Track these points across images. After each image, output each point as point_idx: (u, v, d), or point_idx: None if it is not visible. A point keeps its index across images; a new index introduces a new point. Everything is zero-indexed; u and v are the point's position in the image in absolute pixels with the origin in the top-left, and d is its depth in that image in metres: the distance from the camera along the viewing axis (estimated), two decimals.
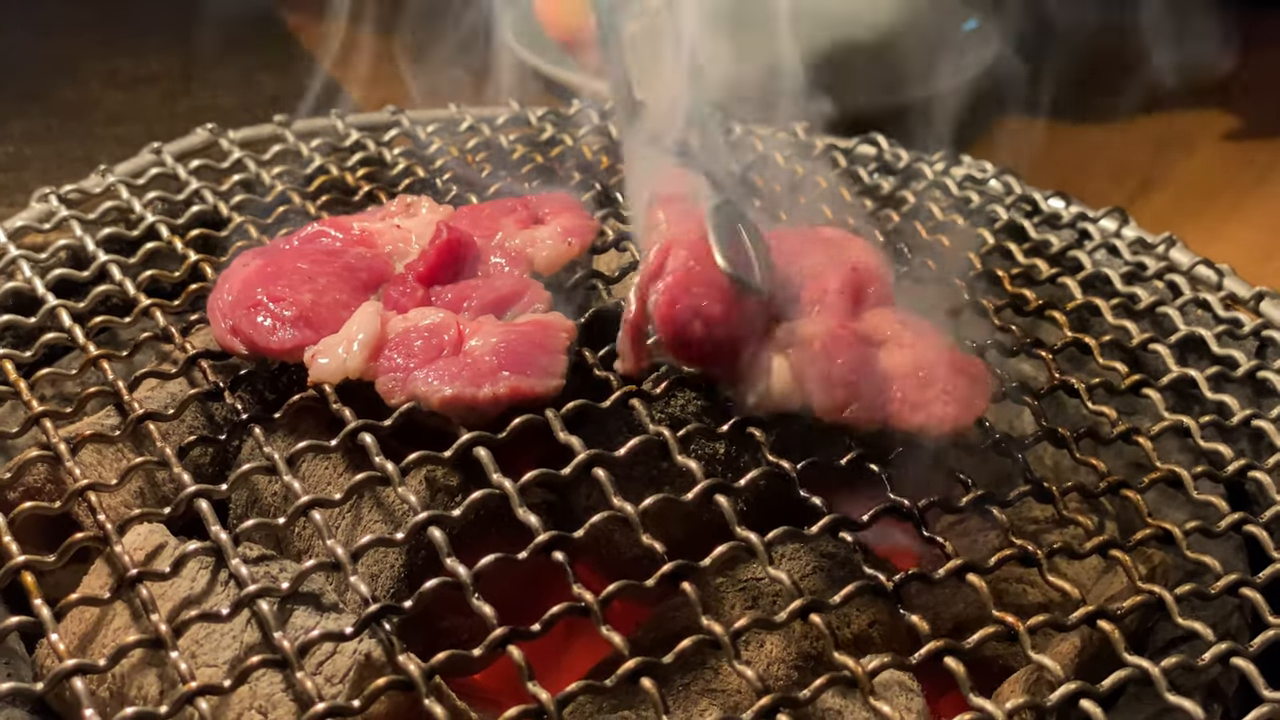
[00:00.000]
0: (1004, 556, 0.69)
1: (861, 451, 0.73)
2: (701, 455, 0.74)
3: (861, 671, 0.61)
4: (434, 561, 0.69)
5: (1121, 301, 0.92)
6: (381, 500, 0.73)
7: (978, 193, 1.05)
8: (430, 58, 1.28)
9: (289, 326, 0.76)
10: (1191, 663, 0.65)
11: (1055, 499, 0.73)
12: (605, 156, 1.05)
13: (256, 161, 1.02)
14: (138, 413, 0.74)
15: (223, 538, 0.66)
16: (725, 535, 0.67)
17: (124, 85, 1.67)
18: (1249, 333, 0.90)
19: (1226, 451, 0.79)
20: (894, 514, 0.70)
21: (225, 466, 0.81)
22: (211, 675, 0.62)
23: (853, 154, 1.11)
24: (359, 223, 0.86)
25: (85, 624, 0.67)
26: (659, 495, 0.68)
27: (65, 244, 0.91)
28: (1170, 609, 0.67)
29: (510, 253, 0.82)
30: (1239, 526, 0.74)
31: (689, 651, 0.62)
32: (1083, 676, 0.64)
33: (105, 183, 0.98)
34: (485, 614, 0.62)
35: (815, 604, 0.64)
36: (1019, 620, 0.65)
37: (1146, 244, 1.00)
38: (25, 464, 0.72)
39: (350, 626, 0.62)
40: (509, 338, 0.74)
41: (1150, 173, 1.52)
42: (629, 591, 0.64)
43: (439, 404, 0.71)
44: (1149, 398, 0.82)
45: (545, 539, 0.65)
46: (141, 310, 0.83)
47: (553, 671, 0.75)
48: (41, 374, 0.80)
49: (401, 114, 1.11)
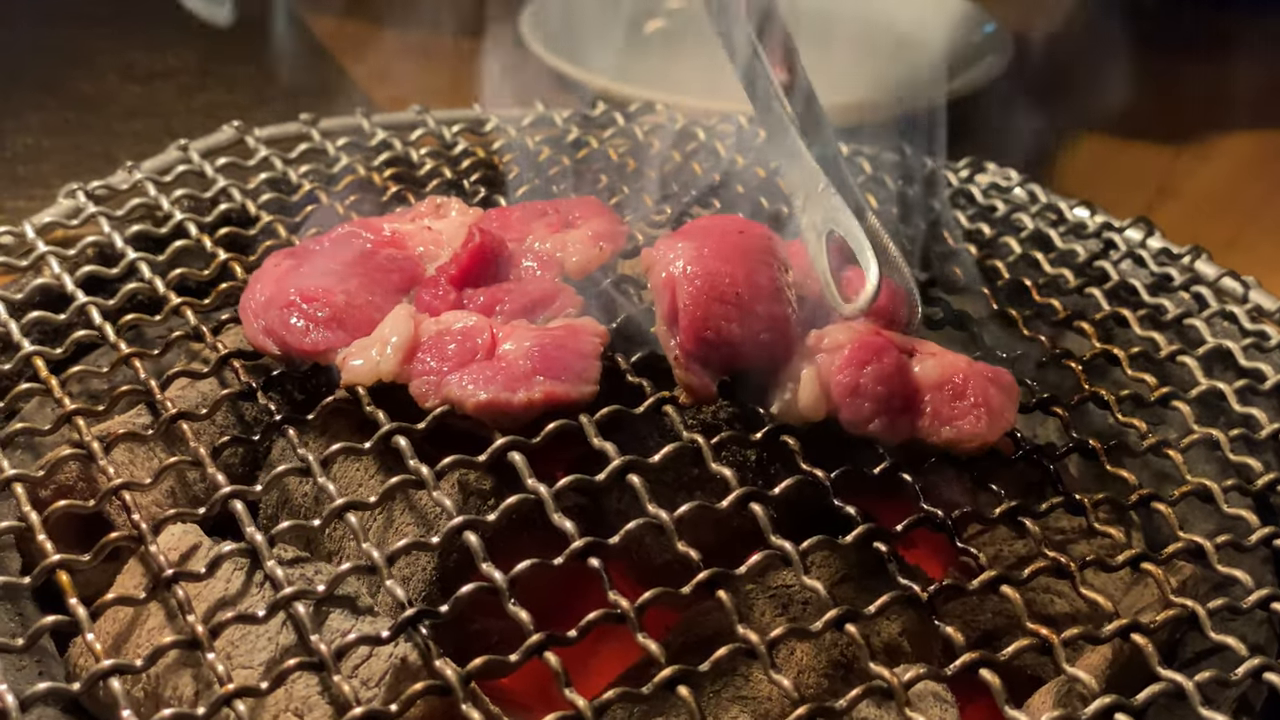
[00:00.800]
0: (1038, 568, 0.69)
1: (894, 461, 0.73)
2: (734, 462, 0.74)
3: (897, 682, 0.61)
4: (466, 565, 0.70)
5: (1148, 313, 0.92)
6: (414, 503, 0.73)
7: (1003, 201, 1.05)
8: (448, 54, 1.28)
9: (322, 328, 0.76)
10: (1225, 677, 0.65)
11: (1087, 511, 0.73)
12: (631, 160, 1.05)
13: (283, 160, 1.02)
14: (171, 412, 0.74)
15: (258, 539, 0.66)
16: (756, 541, 0.68)
17: (140, 79, 1.67)
18: (1276, 345, 0.90)
19: (1256, 465, 0.79)
20: (927, 524, 0.71)
21: (255, 466, 0.81)
22: (247, 677, 0.63)
23: (877, 160, 1.11)
24: (390, 224, 0.86)
25: (119, 624, 0.68)
26: (694, 503, 0.68)
27: (94, 240, 0.91)
28: (1203, 623, 0.67)
29: (541, 256, 0.83)
30: (1269, 540, 0.74)
31: (723, 659, 0.62)
32: (1112, 689, 0.64)
33: (132, 179, 0.98)
34: (522, 619, 0.62)
35: (850, 614, 0.64)
36: (1053, 632, 0.65)
37: (1172, 254, 1.00)
38: (58, 462, 0.72)
39: (386, 630, 0.62)
40: (543, 342, 0.74)
41: (1166, 181, 1.52)
42: (662, 598, 0.64)
43: (474, 408, 0.71)
44: (1178, 410, 0.82)
45: (581, 545, 0.65)
46: (171, 309, 0.83)
47: (580, 675, 0.75)
48: (72, 371, 0.80)
49: (427, 113, 1.11)
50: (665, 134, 1.11)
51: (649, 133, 1.11)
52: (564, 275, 0.82)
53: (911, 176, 1.09)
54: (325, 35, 1.75)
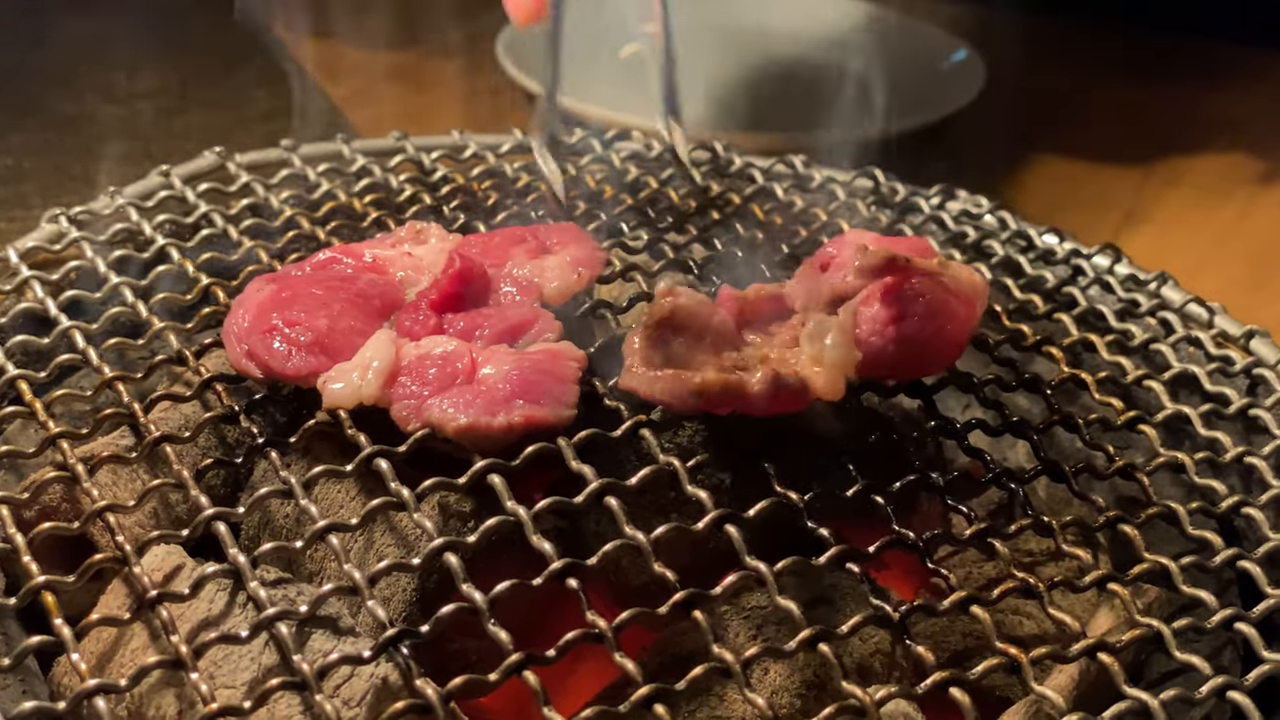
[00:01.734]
0: (1007, 589, 0.70)
1: (866, 484, 0.74)
2: (709, 485, 0.76)
3: (869, 701, 0.63)
4: (446, 586, 0.71)
5: (1116, 338, 0.94)
6: (395, 525, 0.74)
7: (974, 228, 1.07)
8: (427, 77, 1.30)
9: (304, 352, 0.77)
10: (1189, 696, 0.66)
11: (1055, 532, 0.75)
12: (609, 186, 1.06)
13: (264, 186, 1.03)
14: (154, 435, 0.75)
15: (241, 560, 0.67)
16: (730, 562, 0.69)
17: (120, 100, 1.68)
18: (1240, 370, 0.92)
19: (1220, 488, 0.81)
20: (899, 545, 0.72)
21: (237, 488, 0.82)
22: (230, 696, 0.63)
23: (851, 187, 1.12)
24: (370, 249, 0.87)
25: (103, 644, 0.68)
26: (670, 525, 0.69)
27: (76, 265, 0.92)
28: (1168, 643, 0.69)
29: (520, 282, 0.84)
30: (1233, 562, 0.76)
31: (699, 678, 0.64)
32: (1079, 707, 0.65)
33: (115, 204, 0.99)
34: (501, 639, 0.63)
35: (823, 634, 0.65)
36: (1021, 652, 0.66)
37: (1139, 281, 1.01)
38: (43, 484, 0.73)
39: (368, 650, 0.63)
40: (522, 366, 0.75)
41: (1134, 206, 1.54)
42: (639, 618, 0.65)
43: (454, 432, 0.72)
44: (1144, 434, 0.84)
45: (560, 566, 0.66)
46: (154, 333, 0.84)
47: (558, 694, 0.76)
48: (56, 394, 0.81)
49: (406, 140, 1.12)
50: (642, 160, 1.13)
51: (626, 159, 1.12)
52: (543, 300, 0.83)
53: (885, 203, 1.11)
54: (304, 58, 1.76)
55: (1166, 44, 1.92)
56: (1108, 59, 1.90)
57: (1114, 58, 1.90)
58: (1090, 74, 1.86)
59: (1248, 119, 1.75)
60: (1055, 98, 1.79)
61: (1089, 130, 1.71)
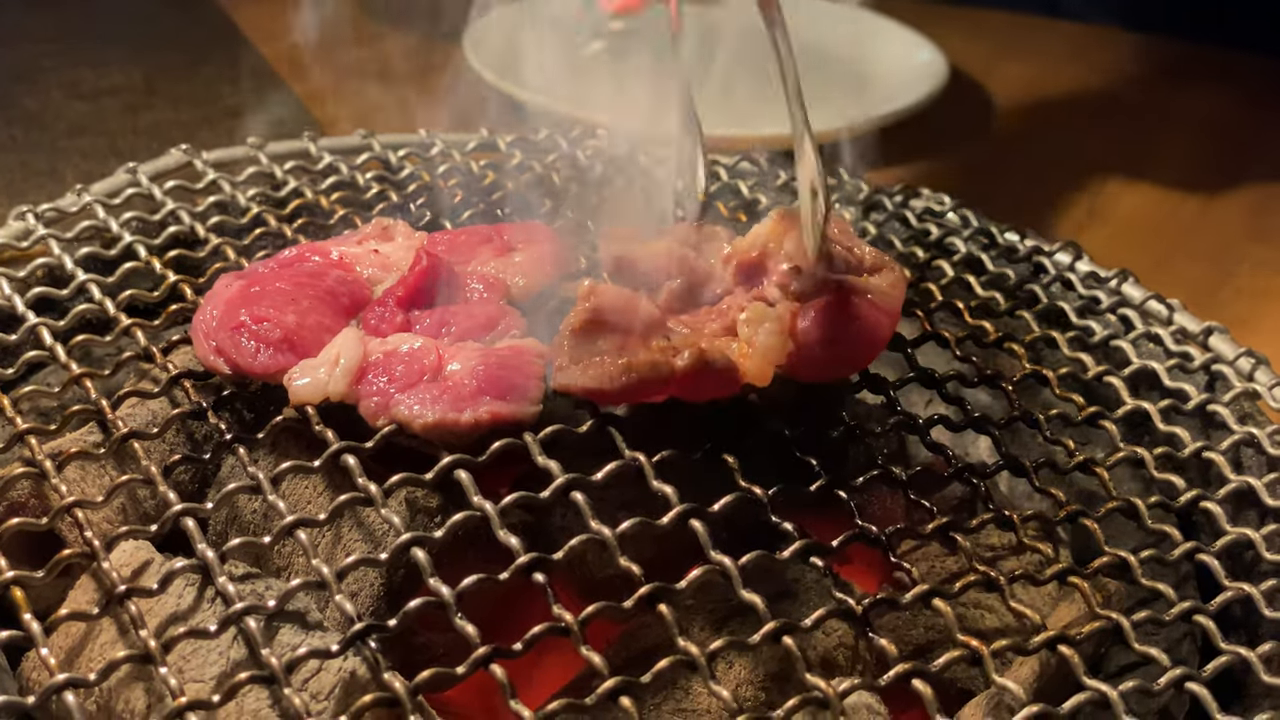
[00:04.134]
0: (968, 582, 0.71)
1: (830, 479, 0.75)
2: (674, 480, 0.76)
3: (833, 693, 0.63)
4: (412, 580, 0.71)
5: (1076, 335, 0.95)
6: (361, 520, 0.75)
7: (936, 225, 1.08)
8: (393, 74, 1.29)
9: (272, 349, 0.77)
10: (1148, 687, 0.67)
11: (1016, 527, 0.76)
12: (574, 184, 1.07)
13: (231, 183, 1.03)
14: (122, 431, 0.75)
15: (209, 555, 0.67)
16: (694, 555, 0.69)
17: (86, 96, 1.68)
18: (1199, 367, 0.93)
19: (1179, 482, 0.82)
20: (862, 539, 0.73)
21: (204, 484, 0.82)
22: (199, 691, 0.64)
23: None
24: (337, 247, 0.87)
25: (72, 639, 0.69)
26: (636, 519, 0.70)
27: (44, 262, 0.92)
28: (1127, 635, 0.70)
29: (486, 279, 0.84)
30: (1191, 555, 0.77)
31: (664, 671, 0.64)
32: (1040, 699, 0.66)
33: (82, 202, 0.99)
34: (468, 633, 0.64)
35: (787, 627, 0.66)
36: (982, 644, 0.67)
37: (1099, 278, 1.02)
38: (11, 480, 0.73)
39: (335, 644, 0.64)
40: (488, 362, 0.75)
41: (1094, 205, 1.55)
42: (605, 612, 0.66)
43: (422, 429, 0.73)
44: (1104, 429, 0.85)
45: (526, 560, 0.67)
46: (122, 330, 0.84)
47: (523, 686, 0.77)
48: (23, 390, 0.81)
49: (372, 137, 1.13)
50: (607, 158, 1.13)
51: (591, 156, 1.13)
52: (509, 298, 0.84)
53: (849, 200, 1.11)
54: (270, 55, 1.76)
55: (1132, 42, 1.93)
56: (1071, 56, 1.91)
57: (1077, 55, 1.91)
58: (1053, 71, 1.87)
59: (1212, 117, 1.77)
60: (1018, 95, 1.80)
61: (1052, 127, 1.72)
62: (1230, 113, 1.79)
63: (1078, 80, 1.85)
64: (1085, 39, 1.95)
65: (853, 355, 0.80)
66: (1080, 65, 1.88)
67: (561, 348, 0.75)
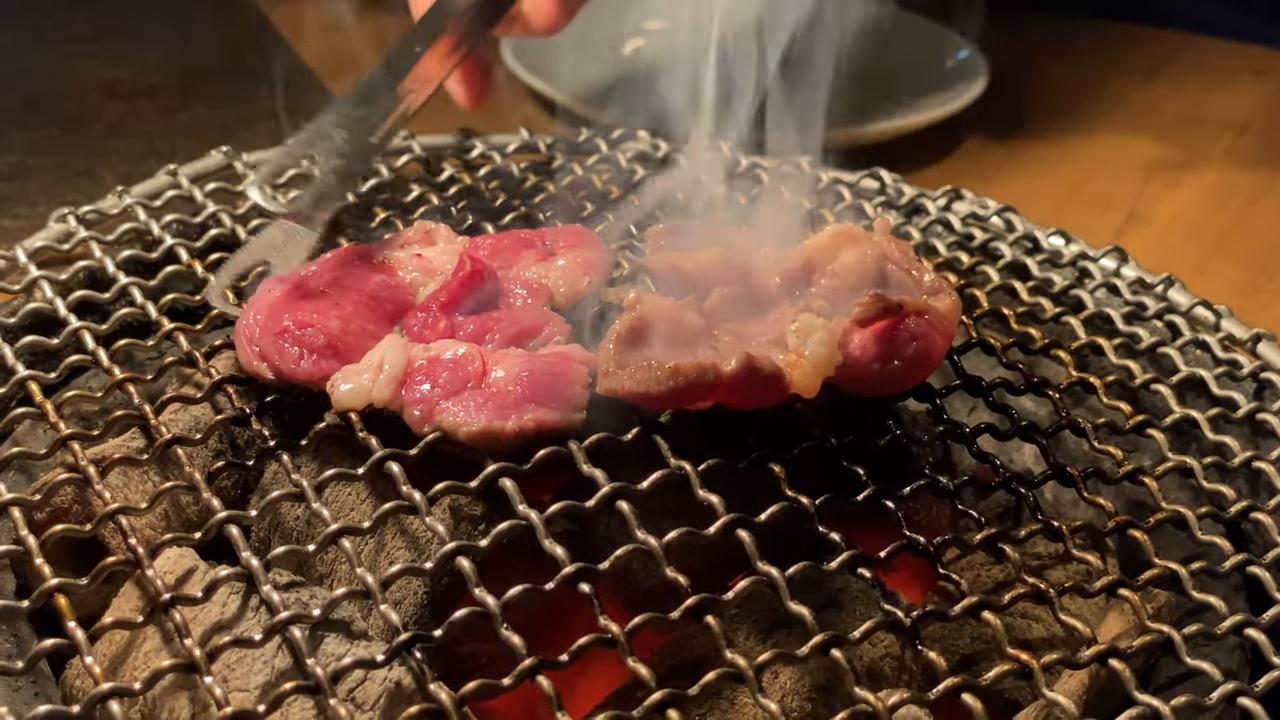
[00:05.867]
0: (1018, 594, 0.70)
1: (877, 488, 0.74)
2: (720, 489, 0.76)
3: (882, 706, 0.63)
4: (456, 589, 0.71)
5: (1123, 341, 0.94)
6: (405, 527, 0.75)
7: (981, 229, 1.07)
8: None
9: (316, 354, 0.77)
10: (1200, 701, 0.66)
11: (1065, 537, 0.75)
12: (615, 187, 1.06)
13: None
14: (165, 436, 0.75)
15: (254, 564, 0.67)
16: (740, 565, 0.69)
17: (123, 97, 1.68)
18: (1247, 374, 0.92)
19: (1228, 492, 0.81)
20: (910, 550, 0.72)
21: (247, 490, 0.82)
22: (244, 700, 0.64)
23: (857, 188, 1.12)
24: (380, 251, 0.87)
25: (116, 647, 0.69)
26: (682, 529, 0.69)
27: (85, 265, 0.92)
28: (1179, 648, 0.69)
29: (530, 284, 0.84)
30: (1242, 567, 0.76)
31: (710, 683, 0.64)
32: (1090, 713, 0.66)
33: (122, 204, 0.99)
34: (514, 644, 0.63)
35: (836, 639, 0.65)
36: (1032, 657, 0.66)
37: (1145, 284, 1.01)
38: (54, 485, 0.73)
39: (381, 654, 0.64)
40: (533, 369, 0.75)
41: (1135, 207, 1.54)
42: (652, 623, 0.65)
43: (467, 437, 0.72)
44: (1152, 437, 0.84)
45: (572, 570, 0.66)
46: (164, 334, 0.84)
47: (566, 696, 0.77)
48: (66, 395, 0.81)
49: (413, 139, 1.12)
50: (648, 160, 1.13)
51: (632, 159, 1.12)
52: (552, 303, 0.83)
53: (892, 204, 1.11)
54: (308, 54, 1.76)
55: (1169, 42, 1.92)
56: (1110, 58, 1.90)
57: (1116, 57, 1.90)
58: (1093, 73, 1.85)
59: (1250, 119, 1.75)
60: (1058, 97, 1.79)
61: (1092, 130, 1.71)
62: (1270, 113, 1.77)
63: (1117, 81, 1.83)
64: (1124, 39, 1.94)
65: (906, 374, 0.78)
66: (1118, 66, 1.86)
67: (607, 353, 0.75)
